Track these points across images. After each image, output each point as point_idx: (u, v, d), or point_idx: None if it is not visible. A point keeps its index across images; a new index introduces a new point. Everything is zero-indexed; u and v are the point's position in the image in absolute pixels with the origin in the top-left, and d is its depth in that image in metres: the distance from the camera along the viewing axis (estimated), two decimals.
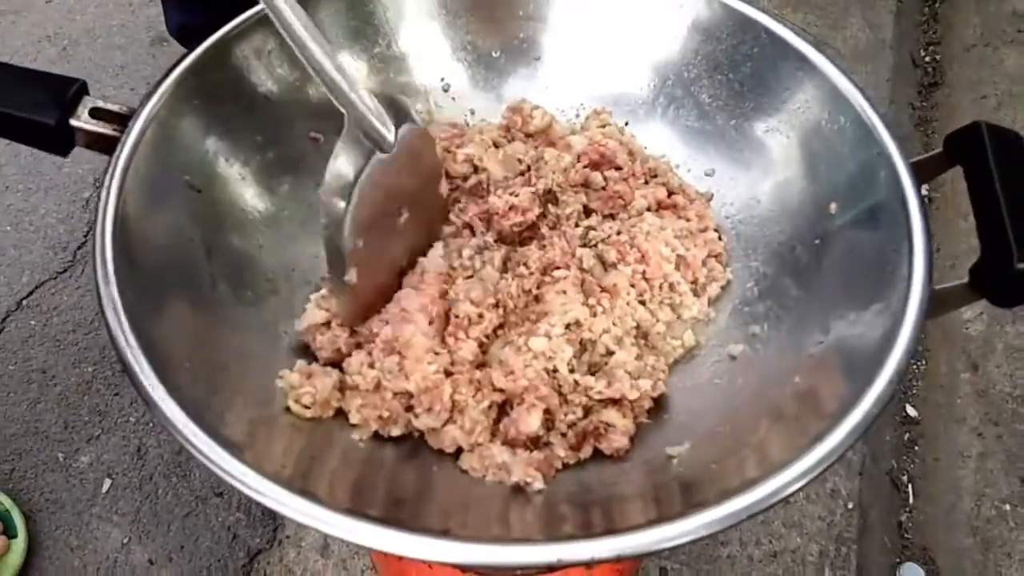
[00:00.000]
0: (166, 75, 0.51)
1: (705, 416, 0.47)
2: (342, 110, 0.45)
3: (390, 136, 0.47)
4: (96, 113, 0.49)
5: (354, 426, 0.47)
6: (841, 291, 0.47)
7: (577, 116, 0.63)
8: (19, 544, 0.97)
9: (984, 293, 0.42)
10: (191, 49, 0.52)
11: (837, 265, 0.49)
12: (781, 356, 0.47)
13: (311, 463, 0.43)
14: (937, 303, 0.42)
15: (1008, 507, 1.00)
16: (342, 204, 0.45)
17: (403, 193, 0.50)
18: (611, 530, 0.36)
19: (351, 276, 0.47)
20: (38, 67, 0.51)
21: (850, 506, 1.02)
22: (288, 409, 0.46)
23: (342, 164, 0.45)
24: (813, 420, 0.39)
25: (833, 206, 0.51)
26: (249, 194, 0.54)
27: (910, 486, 1.10)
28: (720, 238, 0.56)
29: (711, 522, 0.35)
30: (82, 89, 0.49)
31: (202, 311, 0.47)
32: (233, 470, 0.37)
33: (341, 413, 0.48)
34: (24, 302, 1.21)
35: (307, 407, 0.46)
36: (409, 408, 0.47)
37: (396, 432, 0.47)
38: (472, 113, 0.64)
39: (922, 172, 0.48)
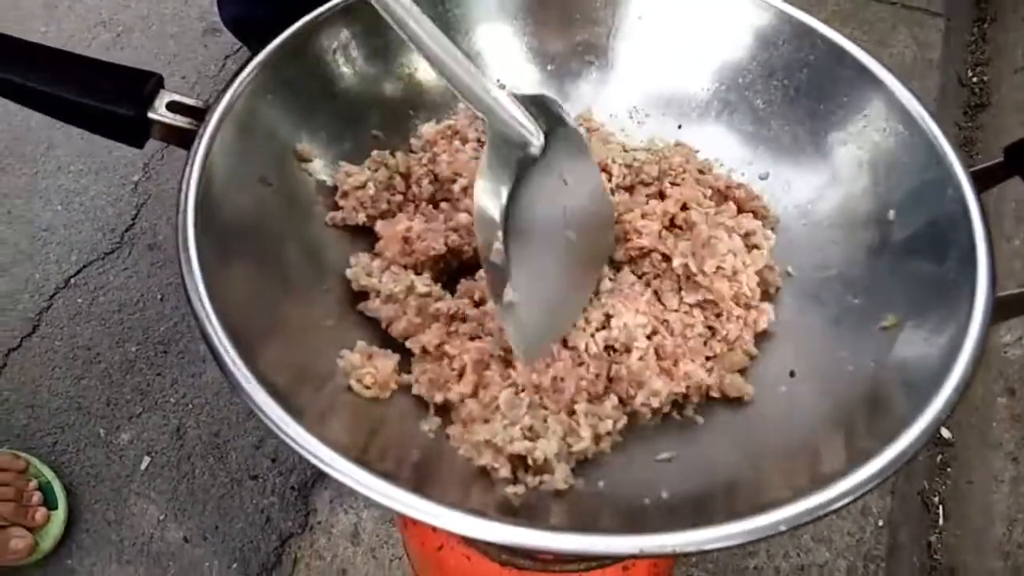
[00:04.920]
0: (241, 69, 0.52)
1: (765, 424, 0.47)
2: (480, 116, 0.43)
3: (538, 140, 0.43)
4: (173, 106, 0.50)
5: (423, 416, 0.48)
6: (899, 300, 0.48)
7: (631, 118, 0.64)
8: (59, 515, 1.00)
9: None
10: (247, 42, 0.53)
11: (894, 272, 0.49)
12: (839, 365, 0.48)
13: (385, 444, 0.44)
14: (1000, 309, 0.43)
15: None
16: (496, 217, 0.41)
17: (562, 204, 0.46)
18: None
19: (510, 295, 0.43)
20: (92, 53, 0.52)
21: (880, 524, 1.01)
22: (349, 388, 0.47)
23: (490, 175, 0.42)
24: (873, 430, 0.39)
25: (891, 213, 0.51)
26: (318, 186, 0.56)
27: (941, 507, 1.10)
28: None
29: (766, 526, 0.36)
30: (159, 83, 0.50)
31: (279, 297, 0.48)
32: (324, 455, 0.38)
33: (403, 395, 0.49)
34: (72, 280, 1.24)
35: (368, 387, 0.47)
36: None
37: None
38: None
39: (981, 181, 0.48)
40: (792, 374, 0.49)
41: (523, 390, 0.48)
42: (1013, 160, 0.47)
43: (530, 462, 0.44)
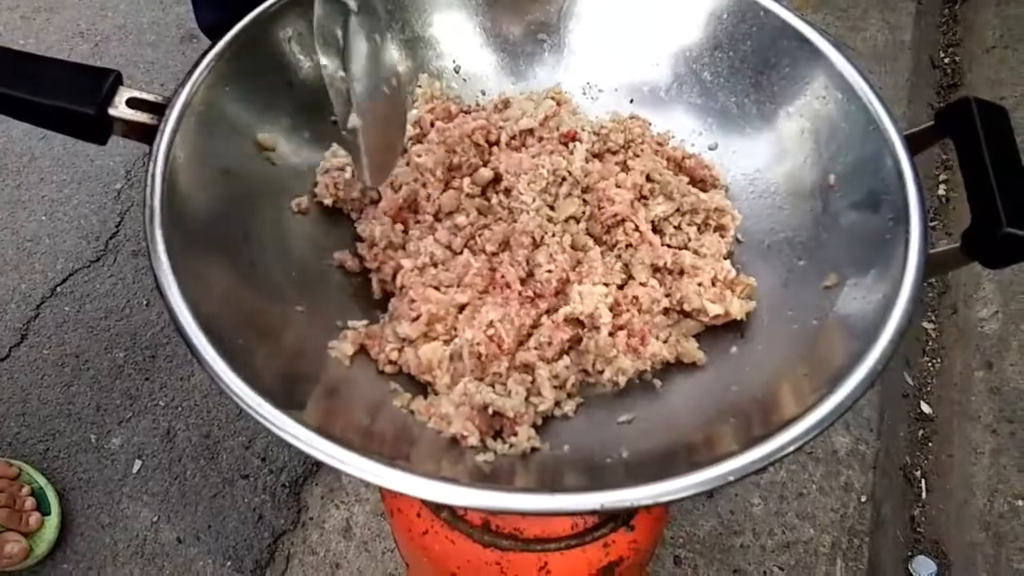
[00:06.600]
0: (197, 63, 0.53)
1: (717, 384, 0.49)
2: None
3: (354, 4, 0.50)
4: (133, 103, 0.51)
5: (395, 392, 0.50)
6: (840, 259, 0.50)
7: (584, 94, 0.66)
8: (53, 521, 1.01)
9: (975, 256, 0.44)
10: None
11: (836, 234, 0.51)
12: (786, 324, 0.50)
13: (358, 422, 0.45)
14: (933, 266, 0.45)
15: (1021, 503, 1.01)
16: (337, 59, 0.49)
17: (380, 58, 0.54)
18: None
19: (354, 121, 0.50)
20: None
21: (863, 499, 1.03)
22: (382, 372, 0.50)
23: (325, 22, 0.49)
24: (817, 383, 0.41)
25: (832, 177, 0.53)
26: (282, 175, 0.57)
27: (923, 481, 1.11)
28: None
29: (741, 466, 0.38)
30: (118, 80, 0.51)
31: (248, 286, 0.49)
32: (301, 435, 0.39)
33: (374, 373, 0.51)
34: (58, 289, 1.24)
35: (394, 362, 0.50)
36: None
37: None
38: (483, 94, 0.66)
39: (915, 144, 0.50)
40: (742, 335, 0.51)
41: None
42: (943, 123, 0.49)
43: (490, 412, 0.46)
